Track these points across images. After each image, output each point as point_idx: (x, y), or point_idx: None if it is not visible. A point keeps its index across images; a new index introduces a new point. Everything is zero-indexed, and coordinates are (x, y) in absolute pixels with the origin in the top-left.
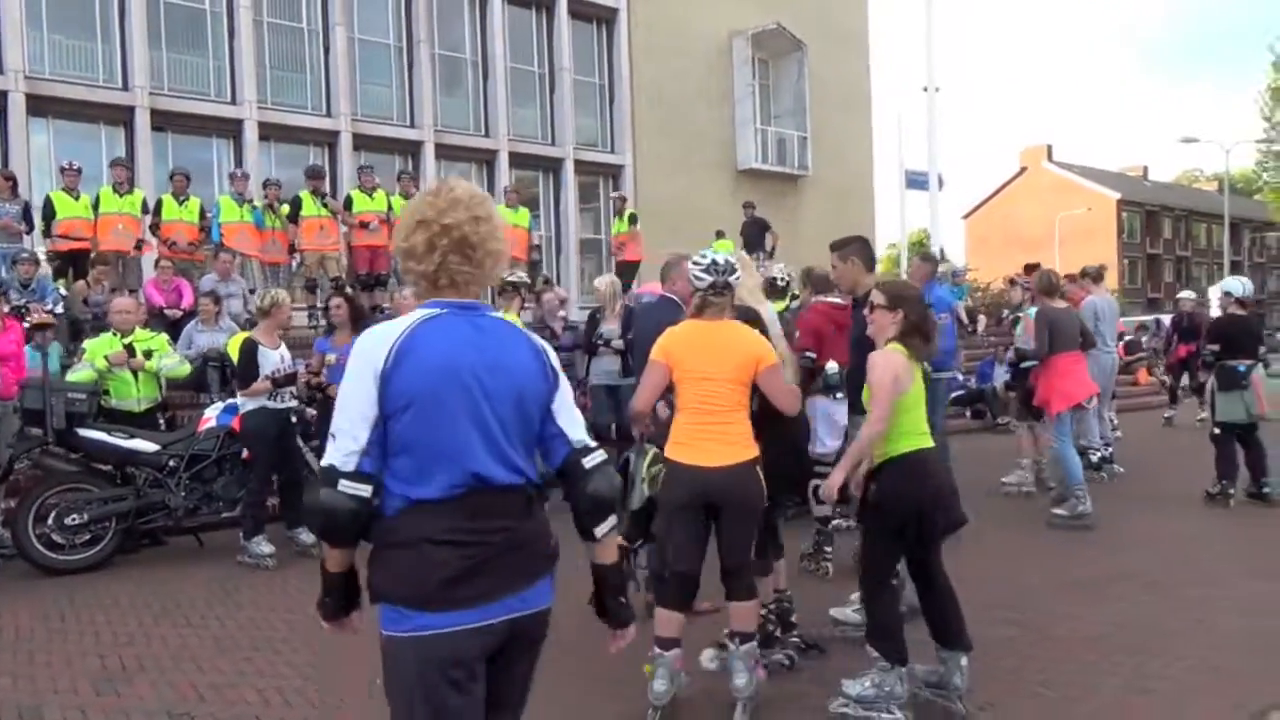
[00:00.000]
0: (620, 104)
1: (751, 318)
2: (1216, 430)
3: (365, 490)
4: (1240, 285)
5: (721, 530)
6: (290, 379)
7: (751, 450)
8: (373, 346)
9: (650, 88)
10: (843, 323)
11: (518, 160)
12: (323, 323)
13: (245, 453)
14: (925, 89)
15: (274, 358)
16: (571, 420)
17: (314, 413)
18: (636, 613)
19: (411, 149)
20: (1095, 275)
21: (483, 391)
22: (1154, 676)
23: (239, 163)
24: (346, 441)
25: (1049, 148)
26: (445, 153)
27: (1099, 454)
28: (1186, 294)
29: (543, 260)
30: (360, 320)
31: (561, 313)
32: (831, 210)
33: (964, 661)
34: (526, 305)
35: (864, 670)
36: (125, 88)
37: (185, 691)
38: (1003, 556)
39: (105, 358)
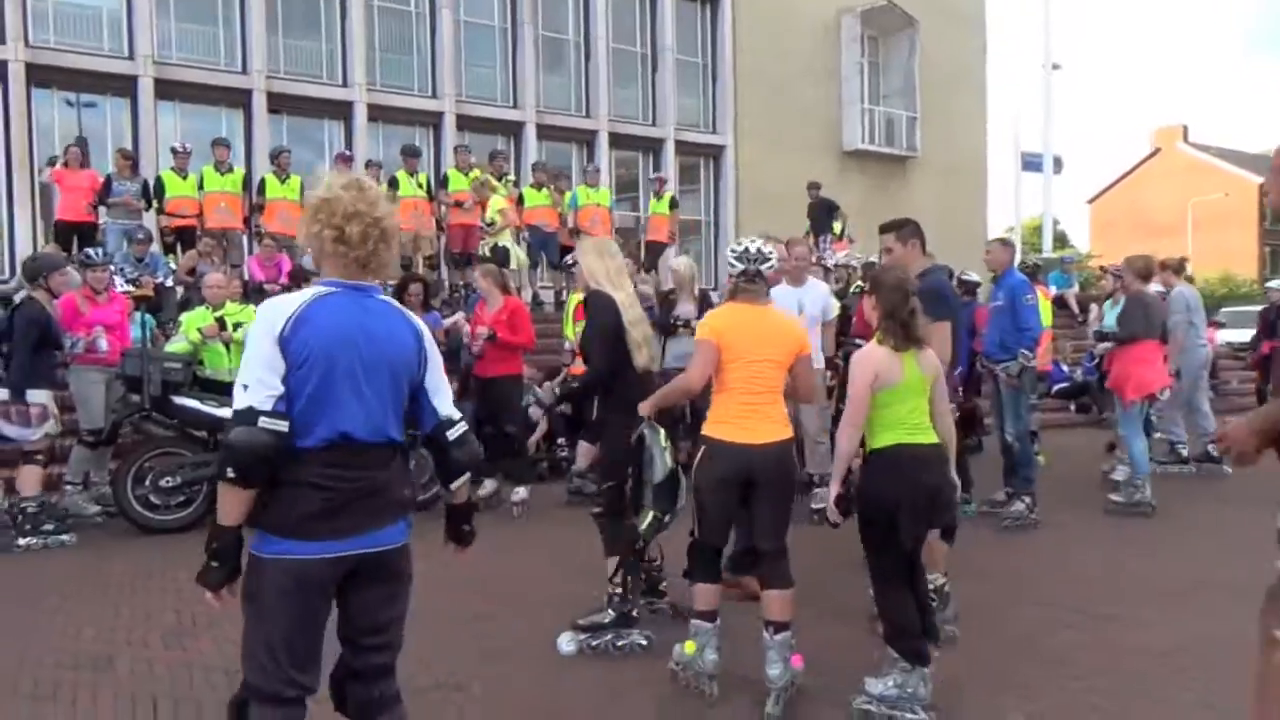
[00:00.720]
0: (723, 84)
1: (603, 303)
2: None
3: (283, 425)
4: None
5: (757, 511)
6: None
7: (789, 430)
8: (273, 315)
9: (754, 67)
10: None
11: (618, 141)
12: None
13: None
14: (1043, 66)
15: None
16: (441, 395)
17: None
18: None
19: (513, 129)
20: (1176, 267)
21: (361, 361)
22: (1222, 695)
23: (349, 143)
24: (261, 387)
25: (1185, 128)
26: (546, 133)
27: (1185, 447)
28: (1276, 283)
29: (627, 242)
30: (429, 300)
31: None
32: (941, 193)
33: (926, 673)
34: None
35: (887, 669)
36: (244, 71)
37: None
38: (1084, 557)
39: (199, 330)
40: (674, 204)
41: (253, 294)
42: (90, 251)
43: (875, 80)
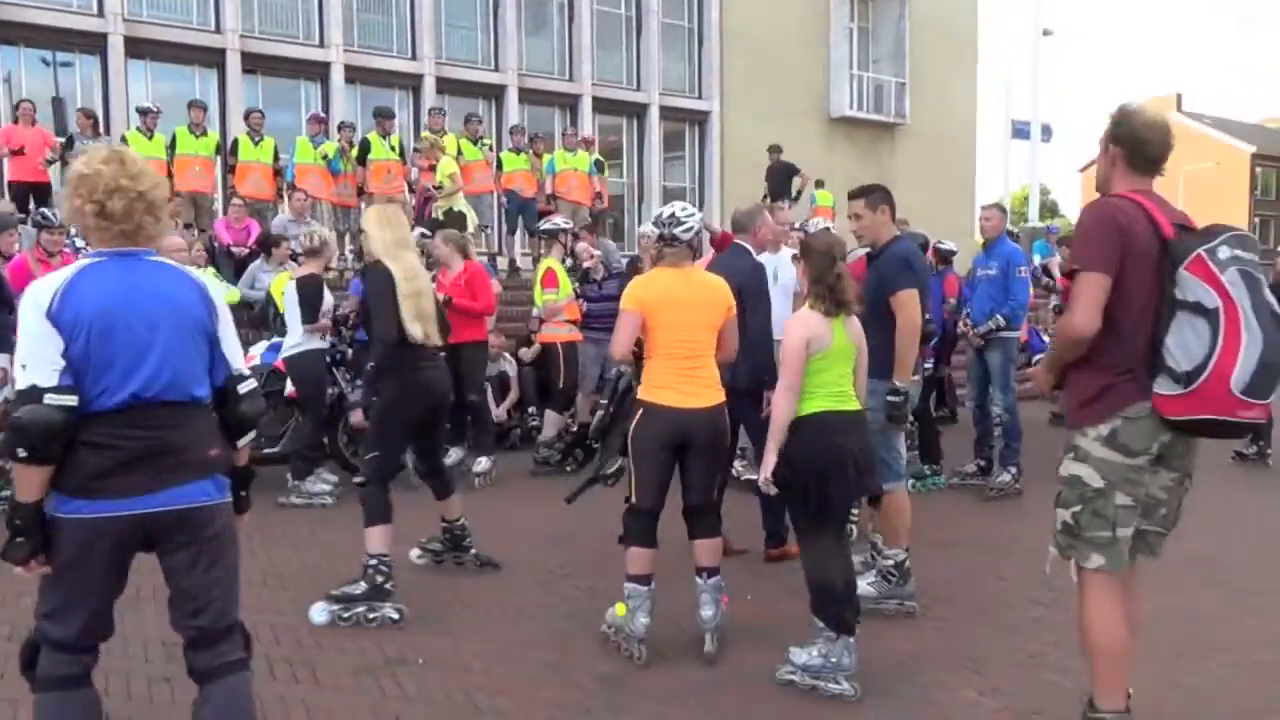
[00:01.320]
0: (709, 48)
1: (379, 275)
2: None
3: (72, 399)
4: None
5: (691, 470)
6: (344, 320)
7: (722, 393)
8: (39, 293)
9: (741, 31)
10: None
11: (601, 105)
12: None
13: (289, 390)
14: (1034, 32)
15: (329, 299)
16: (232, 349)
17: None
18: None
19: (495, 93)
20: None
21: (143, 321)
22: (1189, 671)
23: (325, 105)
24: (41, 364)
25: (1178, 97)
26: (528, 97)
27: None
28: None
29: (607, 208)
30: None
31: (607, 260)
32: (930, 161)
33: (850, 641)
34: (571, 252)
35: (812, 639)
36: (218, 30)
37: None
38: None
39: None
40: (600, 166)
41: (220, 258)
42: (46, 212)
43: (864, 46)
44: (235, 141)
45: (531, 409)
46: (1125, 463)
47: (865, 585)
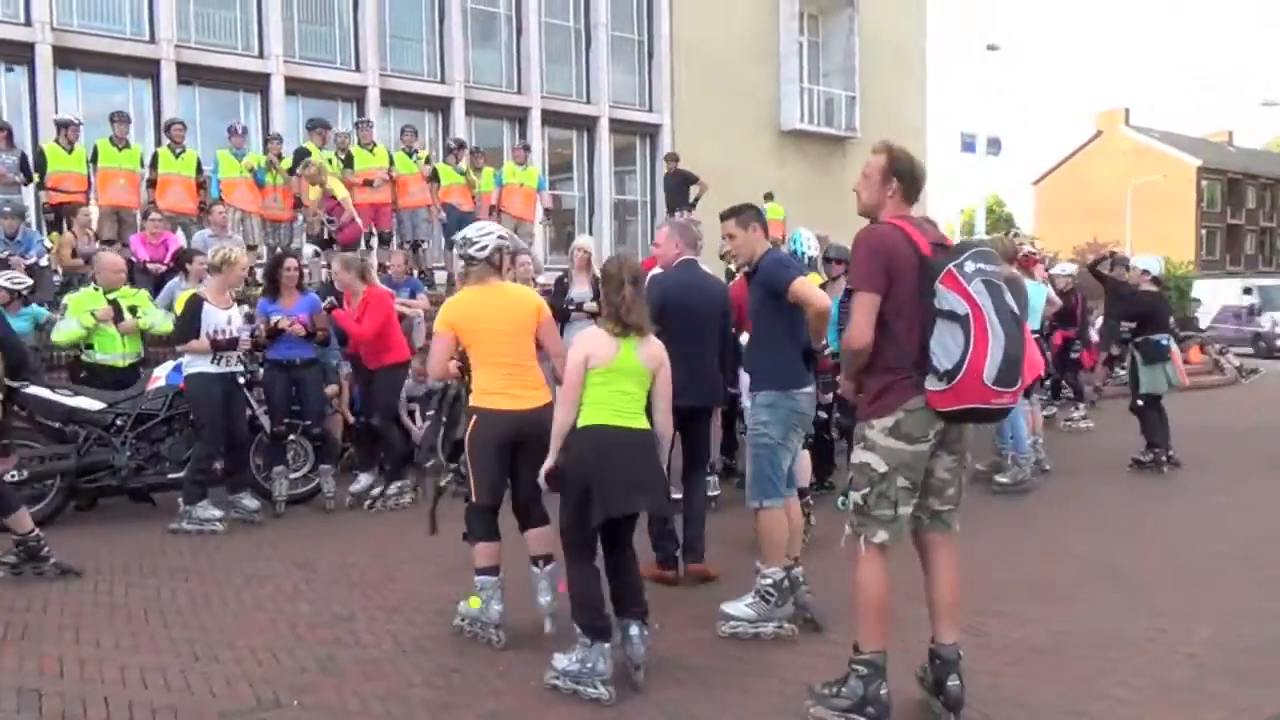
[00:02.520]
0: (659, 61)
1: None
2: (1140, 402)
3: None
4: (1157, 263)
5: (521, 468)
6: (231, 344)
7: (549, 394)
8: None
9: (691, 44)
10: None
11: (551, 118)
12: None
13: None
14: (984, 47)
15: (220, 318)
16: None
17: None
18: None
19: (441, 105)
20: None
21: None
22: (1095, 696)
23: (265, 118)
24: None
25: (1126, 111)
26: (476, 109)
27: None
28: (1065, 268)
29: (551, 223)
30: (301, 280)
31: (540, 279)
32: None
33: (634, 630)
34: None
35: (572, 645)
36: (152, 40)
37: (49, 665)
38: (973, 549)
39: (92, 314)
40: (541, 184)
41: (137, 274)
42: None
43: (814, 59)
44: (155, 155)
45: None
46: (908, 449)
47: (743, 607)
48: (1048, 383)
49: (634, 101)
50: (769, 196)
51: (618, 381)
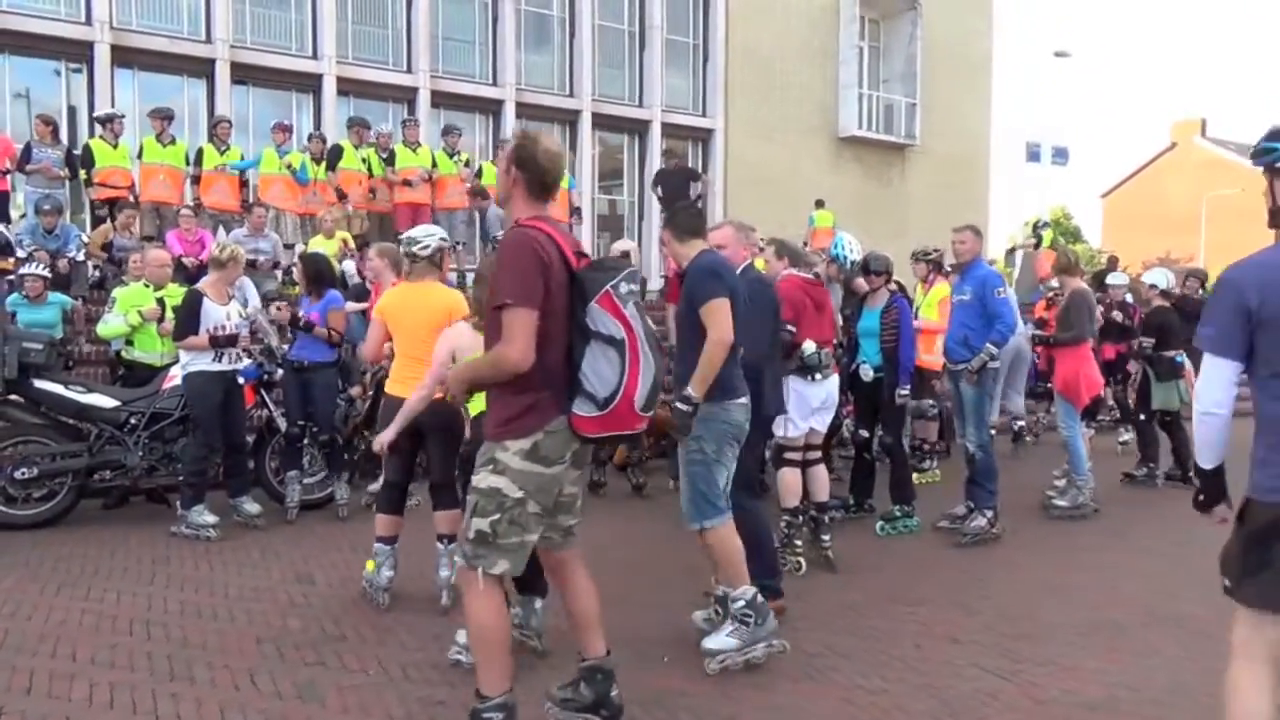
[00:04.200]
0: (714, 64)
1: None
2: (1143, 416)
3: None
4: (1165, 278)
5: (431, 452)
6: (231, 340)
7: None
8: None
9: (747, 47)
10: (821, 300)
11: (602, 122)
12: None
13: None
14: (1052, 54)
15: (219, 314)
16: None
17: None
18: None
19: (493, 108)
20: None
21: None
22: None
23: (318, 118)
24: None
25: (1203, 122)
26: (527, 112)
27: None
28: (1118, 278)
29: (583, 223)
30: (321, 281)
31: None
32: (942, 183)
33: (539, 604)
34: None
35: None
36: (208, 40)
37: (19, 680)
38: (1019, 584)
39: (139, 312)
40: (571, 183)
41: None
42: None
43: (875, 64)
44: (200, 151)
45: None
46: (545, 473)
47: (724, 638)
48: (1111, 402)
49: (687, 106)
50: (819, 204)
51: None
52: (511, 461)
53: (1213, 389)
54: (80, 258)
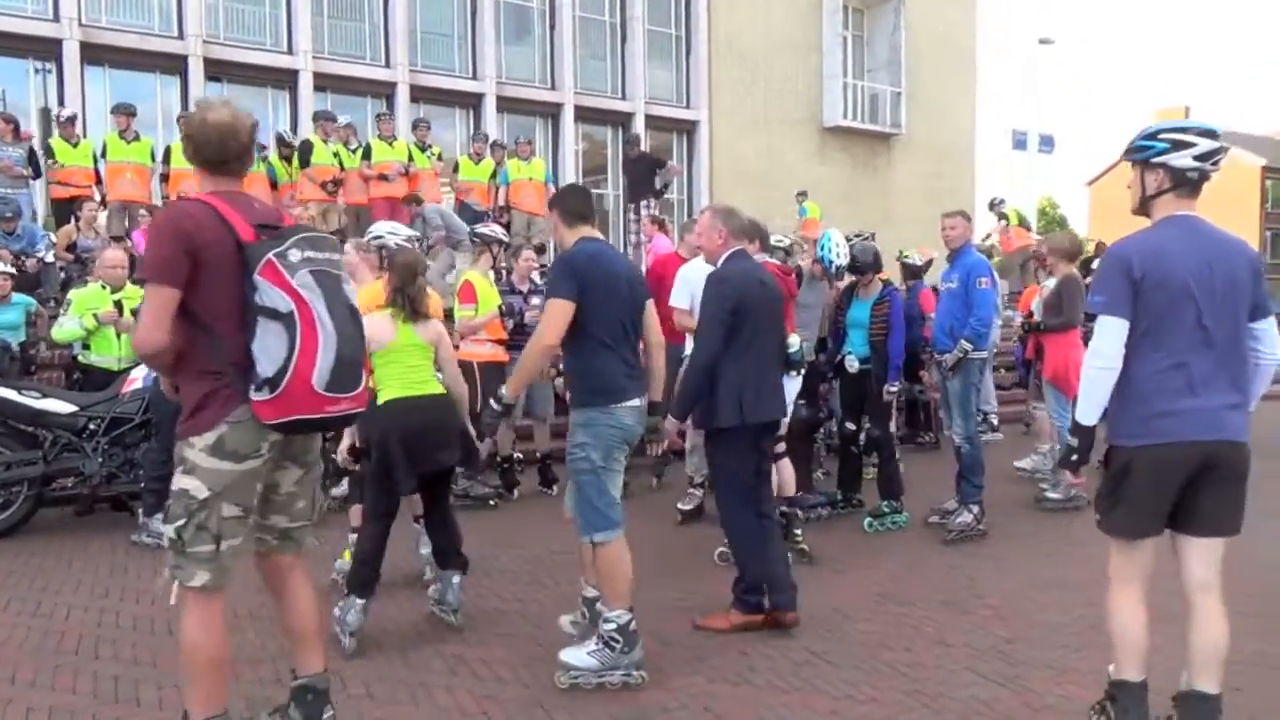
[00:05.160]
0: (697, 56)
1: None
2: None
3: None
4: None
5: None
6: None
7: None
8: None
9: (730, 39)
10: (790, 290)
11: (585, 115)
12: None
13: None
14: (1036, 41)
15: None
16: None
17: None
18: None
19: (472, 101)
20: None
21: None
22: None
23: (294, 114)
24: None
25: (1187, 109)
26: (507, 105)
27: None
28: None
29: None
30: None
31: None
32: (928, 173)
33: (456, 579)
34: (500, 264)
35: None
36: (180, 36)
37: None
38: (1013, 583)
39: (95, 316)
40: (549, 176)
41: (139, 269)
42: None
43: (859, 54)
44: (168, 149)
45: None
46: (235, 469)
47: (585, 656)
48: None
49: (671, 98)
50: (802, 195)
51: (400, 358)
52: (199, 460)
53: (1108, 344)
54: (50, 259)
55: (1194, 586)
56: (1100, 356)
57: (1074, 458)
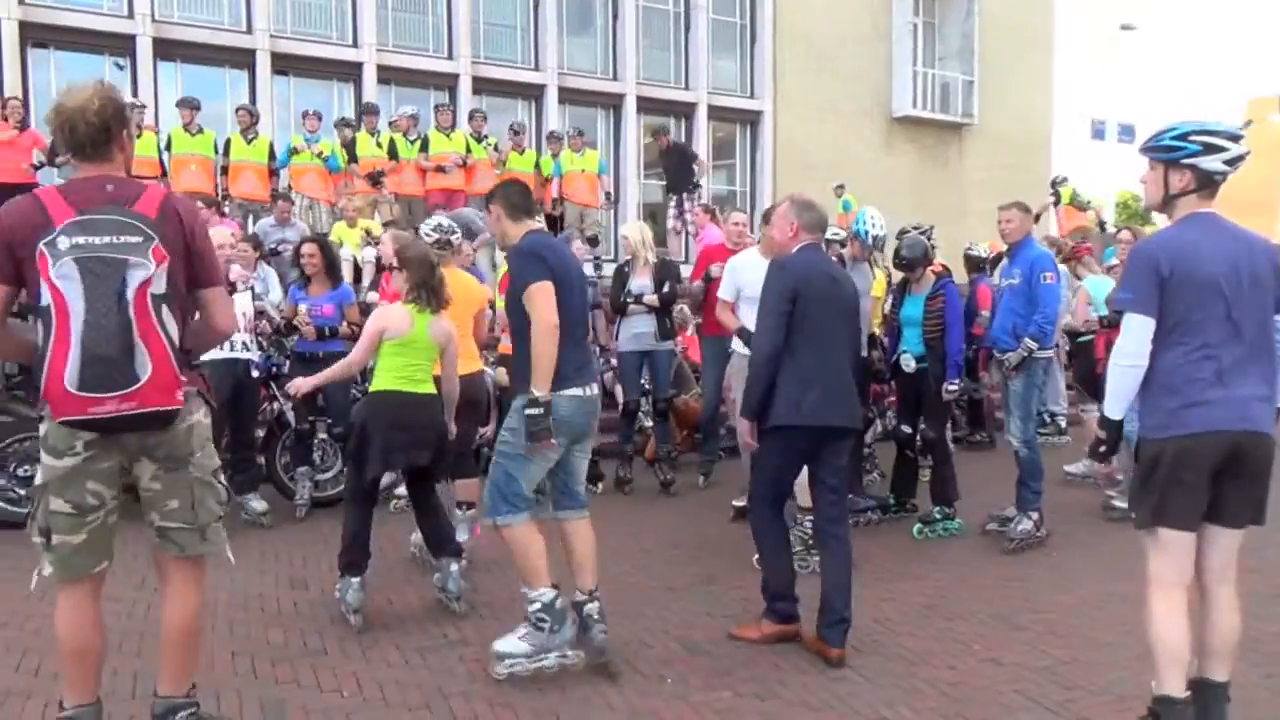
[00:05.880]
0: (762, 45)
1: None
2: None
3: None
4: None
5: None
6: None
7: (480, 363)
8: None
9: (796, 27)
10: None
11: (647, 105)
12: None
13: None
14: (1118, 26)
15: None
16: None
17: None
18: None
19: (534, 93)
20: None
21: None
22: None
23: (359, 106)
24: None
25: None
26: (569, 96)
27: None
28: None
29: (614, 209)
30: (334, 269)
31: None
32: (1002, 164)
33: (454, 567)
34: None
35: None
36: (248, 30)
37: None
38: (1073, 599)
39: None
40: (602, 168)
41: None
42: None
43: (929, 41)
44: (228, 141)
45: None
46: (56, 465)
47: (515, 641)
48: None
49: (735, 88)
50: (840, 188)
51: (408, 353)
52: (42, 452)
53: (1136, 342)
54: None
55: (1211, 577)
56: (1127, 354)
57: (1103, 449)
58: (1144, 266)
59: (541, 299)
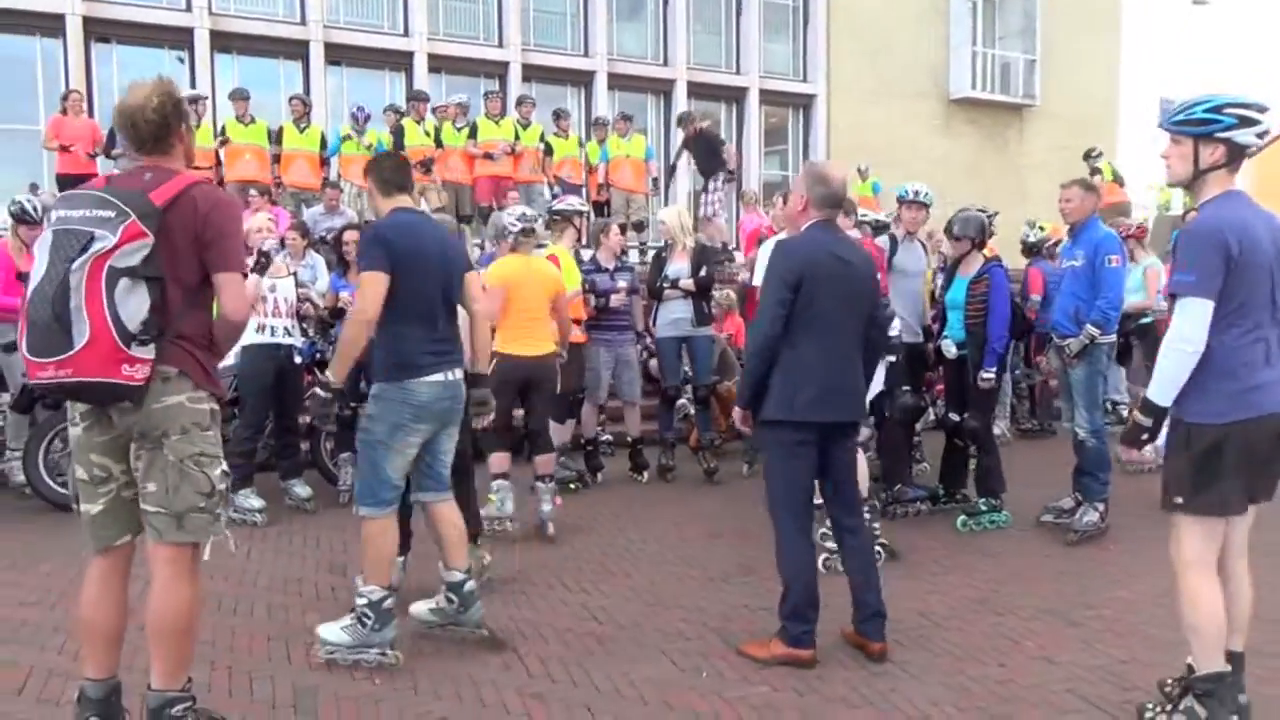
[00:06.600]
0: (815, 27)
1: None
2: None
3: None
4: None
5: (534, 403)
6: (263, 260)
7: (553, 345)
8: None
9: (850, 8)
10: (880, 264)
11: (697, 90)
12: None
13: None
14: (1189, 2)
15: (264, 285)
16: None
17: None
18: None
19: (584, 79)
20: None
21: None
22: None
23: (409, 95)
24: None
25: None
26: (619, 83)
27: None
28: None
29: (663, 194)
30: None
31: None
32: (1065, 146)
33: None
34: (584, 243)
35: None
36: (302, 22)
37: (14, 679)
38: (1127, 588)
39: None
40: (649, 153)
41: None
42: (25, 203)
43: (989, 20)
44: (280, 130)
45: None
46: (74, 432)
47: (338, 630)
48: None
49: (787, 71)
50: (863, 174)
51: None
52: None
53: (1196, 328)
54: None
55: (1234, 552)
56: (1187, 340)
57: (1144, 436)
58: (1212, 246)
59: (368, 287)
